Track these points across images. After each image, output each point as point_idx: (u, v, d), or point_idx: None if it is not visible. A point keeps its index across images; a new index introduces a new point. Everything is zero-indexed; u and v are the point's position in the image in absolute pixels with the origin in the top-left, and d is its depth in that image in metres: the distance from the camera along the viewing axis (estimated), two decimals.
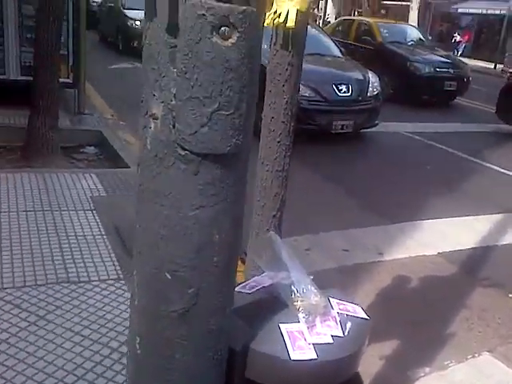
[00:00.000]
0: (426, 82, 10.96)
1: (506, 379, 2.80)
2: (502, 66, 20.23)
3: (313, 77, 6.80)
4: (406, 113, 10.02)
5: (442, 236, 4.54)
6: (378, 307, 3.28)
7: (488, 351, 3.02)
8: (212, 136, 1.02)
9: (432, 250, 4.22)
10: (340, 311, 1.44)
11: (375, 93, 7.77)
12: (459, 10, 25.89)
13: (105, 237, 3.63)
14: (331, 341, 1.35)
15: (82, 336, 2.56)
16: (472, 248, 4.36)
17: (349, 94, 7.42)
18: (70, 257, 3.29)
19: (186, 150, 1.03)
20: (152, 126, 1.06)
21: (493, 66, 20.62)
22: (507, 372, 2.84)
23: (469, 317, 3.37)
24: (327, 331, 1.37)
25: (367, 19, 14.06)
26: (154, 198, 1.10)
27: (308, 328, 1.37)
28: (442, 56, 12.20)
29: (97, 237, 3.62)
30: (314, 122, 7.01)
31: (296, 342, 1.33)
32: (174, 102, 1.00)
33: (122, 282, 3.10)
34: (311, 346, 1.32)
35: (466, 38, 25.72)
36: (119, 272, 3.20)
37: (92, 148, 6.09)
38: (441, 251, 4.22)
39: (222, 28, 0.95)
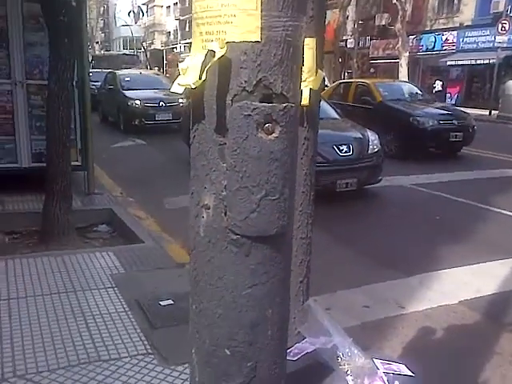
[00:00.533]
0: (430, 134, 11.13)
1: None
2: (496, 111, 20.66)
3: None
4: (411, 167, 10.14)
5: (460, 284, 4.56)
6: (406, 361, 3.28)
7: None
8: (261, 220, 1.11)
9: (453, 299, 4.24)
10: (386, 371, 1.50)
11: (375, 150, 7.98)
12: (448, 63, 26.38)
13: (129, 312, 3.73)
14: None
15: None
16: (492, 294, 4.39)
17: (350, 153, 7.63)
18: (98, 335, 3.37)
19: (237, 234, 1.12)
20: (204, 215, 1.16)
21: (488, 113, 21.03)
22: None
23: (501, 363, 3.37)
24: None
25: (365, 80, 14.41)
26: (208, 280, 1.18)
27: None
28: (442, 108, 12.47)
29: (121, 313, 3.71)
30: (319, 183, 7.11)
31: None
32: (224, 193, 1.11)
33: (152, 356, 3.16)
34: None
35: (457, 88, 26.24)
36: (147, 346, 3.27)
37: (104, 226, 6.21)
38: (462, 299, 4.24)
39: (266, 125, 1.06)
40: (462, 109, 14.15)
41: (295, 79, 1.13)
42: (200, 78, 1.04)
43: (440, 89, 25.52)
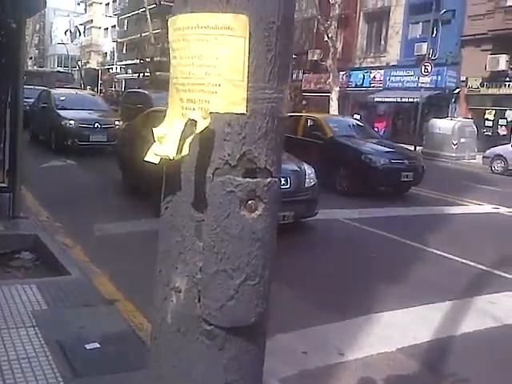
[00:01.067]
0: (382, 174, 11.02)
1: None
2: (421, 147, 21.85)
3: None
4: (355, 202, 10.07)
5: (398, 329, 4.53)
6: None
7: None
8: (239, 308, 0.99)
9: (391, 346, 4.17)
10: None
11: (312, 184, 7.99)
12: (375, 99, 27.62)
13: (49, 356, 3.37)
14: None
15: None
16: (430, 341, 4.36)
17: (288, 186, 7.57)
18: (12, 382, 3.00)
19: (211, 324, 0.98)
20: (174, 299, 1.01)
21: (413, 148, 21.98)
22: None
23: None
24: None
25: (315, 115, 14.43)
26: (173, 376, 1.03)
27: None
28: (388, 146, 12.45)
29: (41, 357, 3.34)
30: None
31: None
32: (199, 276, 0.97)
33: None
34: None
35: (384, 123, 27.31)
36: None
37: (27, 253, 5.79)
38: (400, 347, 4.18)
39: (249, 201, 0.96)
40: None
41: (279, 152, 1.07)
42: (180, 152, 0.92)
43: None
